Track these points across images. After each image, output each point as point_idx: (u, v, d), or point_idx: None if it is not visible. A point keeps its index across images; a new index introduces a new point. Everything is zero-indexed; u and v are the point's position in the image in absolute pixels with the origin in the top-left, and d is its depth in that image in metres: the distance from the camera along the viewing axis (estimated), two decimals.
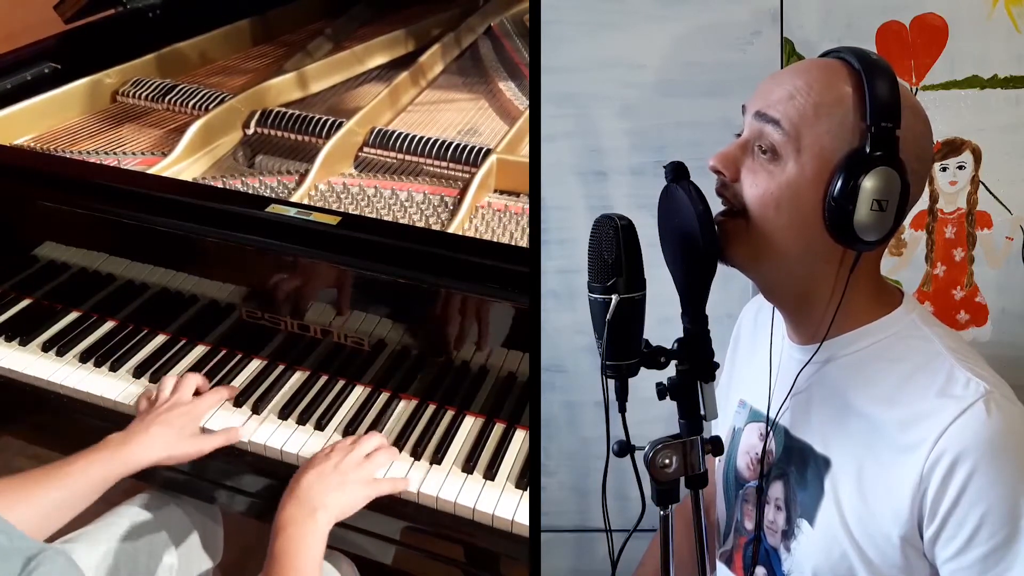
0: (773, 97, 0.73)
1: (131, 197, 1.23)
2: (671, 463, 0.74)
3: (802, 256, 0.74)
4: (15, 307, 1.35)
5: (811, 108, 0.71)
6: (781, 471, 0.83)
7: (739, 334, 0.97)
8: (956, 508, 0.69)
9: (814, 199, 0.71)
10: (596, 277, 0.71)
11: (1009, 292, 1.12)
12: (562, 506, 1.20)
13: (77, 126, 1.50)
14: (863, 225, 0.69)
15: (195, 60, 1.73)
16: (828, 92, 0.72)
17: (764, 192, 0.73)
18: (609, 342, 0.71)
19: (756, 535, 0.85)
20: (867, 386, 0.76)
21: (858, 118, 0.70)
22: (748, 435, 0.88)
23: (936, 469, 0.69)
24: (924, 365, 0.74)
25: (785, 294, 0.79)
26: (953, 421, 0.69)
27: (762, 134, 0.73)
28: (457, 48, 1.83)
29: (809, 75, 0.73)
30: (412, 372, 1.19)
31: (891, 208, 0.69)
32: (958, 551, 0.70)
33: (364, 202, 1.33)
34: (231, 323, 1.25)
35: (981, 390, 0.70)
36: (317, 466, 1.03)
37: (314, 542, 0.95)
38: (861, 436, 0.75)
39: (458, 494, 1.06)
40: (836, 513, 0.76)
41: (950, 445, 0.69)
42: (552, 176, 1.13)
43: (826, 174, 0.71)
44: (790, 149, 0.71)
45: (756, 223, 0.74)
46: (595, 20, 1.11)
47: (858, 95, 0.71)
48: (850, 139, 0.70)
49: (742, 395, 0.91)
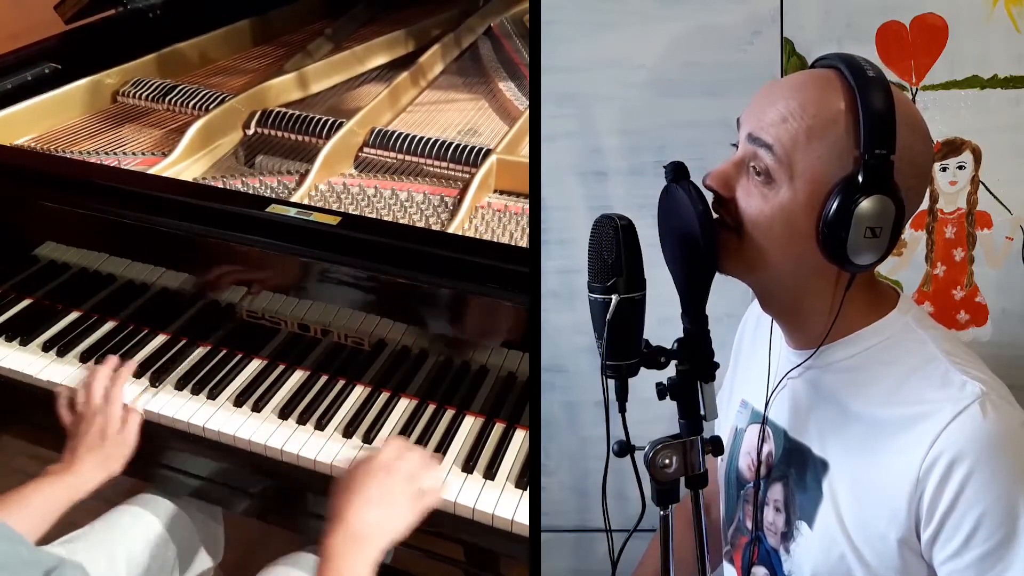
0: (766, 119, 0.72)
1: (131, 197, 1.23)
2: (671, 463, 0.74)
3: (795, 271, 0.74)
4: (15, 307, 1.35)
5: (803, 132, 0.70)
6: (781, 473, 0.83)
7: (743, 334, 0.97)
8: (953, 510, 0.69)
9: (808, 223, 0.71)
10: (596, 277, 0.71)
11: (1009, 292, 1.12)
12: (562, 506, 1.19)
13: (77, 126, 1.51)
14: (856, 251, 0.69)
15: (195, 60, 1.73)
16: (821, 113, 0.70)
17: (759, 213, 0.72)
18: (609, 342, 0.71)
19: (755, 535, 0.85)
20: (863, 390, 0.76)
21: (851, 141, 0.69)
22: (750, 436, 0.88)
23: (933, 471, 0.69)
24: (919, 368, 0.74)
25: (779, 304, 0.79)
26: (949, 423, 0.69)
27: (756, 156, 0.72)
28: (457, 48, 1.83)
29: (803, 94, 0.71)
30: (412, 372, 1.19)
31: (885, 233, 0.69)
32: (955, 552, 0.70)
33: (364, 202, 1.33)
34: (231, 323, 1.25)
35: (977, 391, 0.70)
36: (366, 490, 0.95)
37: (363, 572, 0.90)
38: (857, 439, 0.75)
39: (458, 494, 1.07)
40: (834, 516, 0.76)
41: (947, 447, 0.69)
42: (552, 176, 1.13)
43: (820, 198, 0.70)
44: (783, 174, 0.71)
45: (750, 240, 0.74)
46: (595, 20, 1.11)
47: (851, 115, 0.69)
48: (844, 163, 0.69)
49: (744, 396, 0.91)
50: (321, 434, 1.15)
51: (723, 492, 0.93)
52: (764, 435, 0.84)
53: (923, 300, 1.12)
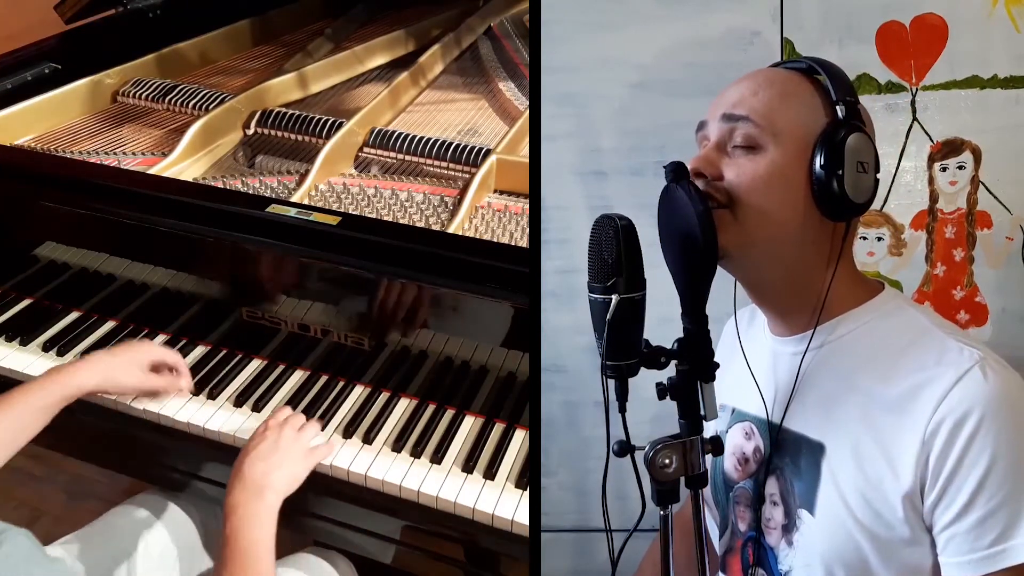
0: (736, 98, 0.78)
1: (131, 197, 1.23)
2: (671, 463, 0.74)
3: (791, 239, 0.76)
4: (15, 307, 1.35)
5: (776, 97, 0.76)
6: (773, 466, 0.83)
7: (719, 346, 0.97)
8: (959, 469, 0.69)
9: (799, 175, 0.74)
10: (596, 277, 0.71)
11: (1009, 292, 1.12)
12: (562, 506, 1.19)
13: (77, 126, 1.51)
14: (852, 187, 0.73)
15: (195, 60, 1.73)
16: (788, 82, 0.78)
17: (752, 176, 0.75)
18: (609, 342, 0.71)
19: (758, 533, 0.85)
20: (861, 365, 0.77)
21: (821, 98, 0.76)
22: (733, 436, 0.88)
23: (939, 433, 0.70)
24: (916, 340, 0.76)
25: (775, 283, 0.80)
26: (953, 386, 0.70)
27: (733, 132, 0.76)
28: (457, 48, 1.83)
29: (763, 74, 0.80)
30: (412, 372, 1.19)
31: (871, 171, 0.74)
32: (957, 516, 0.70)
33: (364, 202, 1.33)
34: (231, 323, 1.25)
35: (976, 356, 0.72)
36: (257, 447, 1.05)
37: (265, 520, 0.97)
38: (857, 412, 0.76)
39: (458, 494, 1.07)
40: (836, 495, 0.76)
41: (952, 408, 0.70)
42: (552, 176, 1.13)
43: (806, 150, 0.74)
44: (767, 136, 0.75)
45: (744, 209, 0.75)
46: (595, 20, 1.11)
47: (813, 83, 0.78)
48: (818, 116, 0.76)
49: (721, 399, 0.91)
50: (321, 434, 1.15)
51: (712, 499, 0.93)
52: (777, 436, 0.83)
53: (923, 300, 1.12)
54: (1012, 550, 0.69)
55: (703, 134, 0.80)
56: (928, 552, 0.73)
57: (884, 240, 1.12)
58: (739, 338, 0.86)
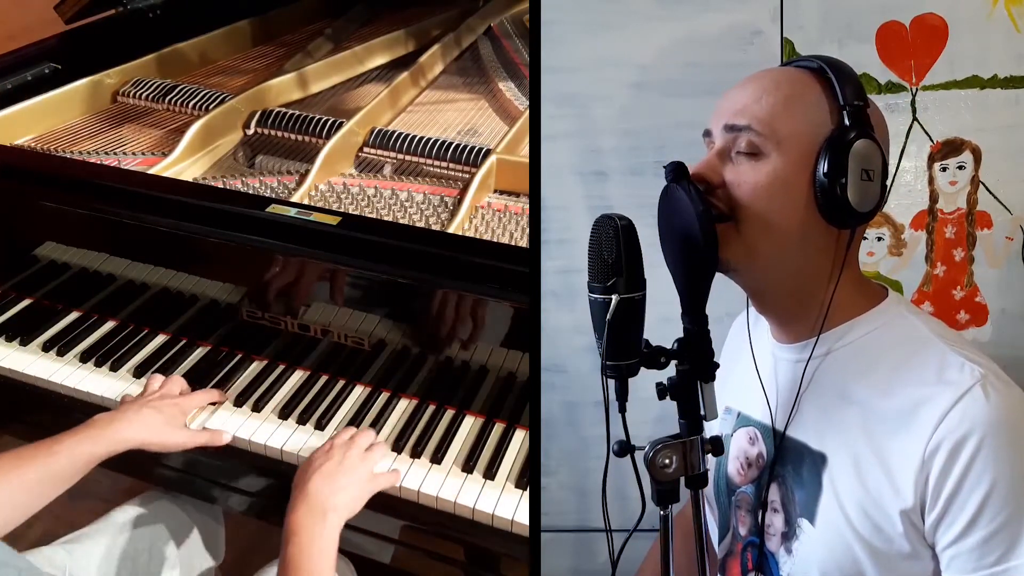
0: (739, 105, 0.76)
1: (131, 197, 1.23)
2: (671, 463, 0.74)
3: (795, 247, 0.75)
4: (15, 307, 1.35)
5: (781, 102, 0.74)
6: (776, 473, 0.82)
7: (724, 346, 0.97)
8: (959, 491, 0.69)
9: (802, 182, 0.73)
10: (596, 277, 0.71)
11: (1009, 292, 1.12)
12: (562, 506, 1.19)
13: (77, 126, 1.51)
14: (856, 195, 0.72)
15: (195, 60, 1.73)
16: (795, 85, 0.76)
17: (754, 186, 0.74)
18: (609, 342, 0.71)
19: (760, 538, 0.85)
20: (861, 376, 0.77)
21: (829, 102, 0.74)
22: (738, 440, 0.88)
23: (938, 453, 0.69)
24: (917, 352, 0.75)
25: (778, 292, 0.79)
26: (953, 405, 0.69)
27: (736, 140, 0.75)
28: (457, 48, 1.83)
29: (771, 75, 0.78)
30: (412, 372, 1.19)
31: (877, 179, 0.72)
32: (959, 535, 0.70)
33: (364, 202, 1.33)
34: (231, 323, 1.25)
35: (977, 374, 0.71)
36: (321, 466, 1.02)
37: (328, 545, 0.95)
38: (857, 424, 0.76)
39: (458, 494, 1.07)
40: (837, 507, 0.76)
41: (951, 429, 0.69)
42: (552, 176, 1.13)
43: (810, 158, 0.73)
44: (769, 144, 0.74)
45: (747, 219, 0.74)
46: (595, 20, 1.11)
47: (822, 84, 0.75)
48: (824, 120, 0.74)
49: (727, 402, 0.91)
50: (321, 434, 1.15)
51: (714, 502, 0.93)
52: (762, 438, 0.84)
53: (923, 300, 1.12)
54: (1015, 570, 0.69)
55: (710, 140, 0.80)
56: (927, 566, 0.73)
57: (884, 240, 1.12)
58: (751, 342, 0.85)
